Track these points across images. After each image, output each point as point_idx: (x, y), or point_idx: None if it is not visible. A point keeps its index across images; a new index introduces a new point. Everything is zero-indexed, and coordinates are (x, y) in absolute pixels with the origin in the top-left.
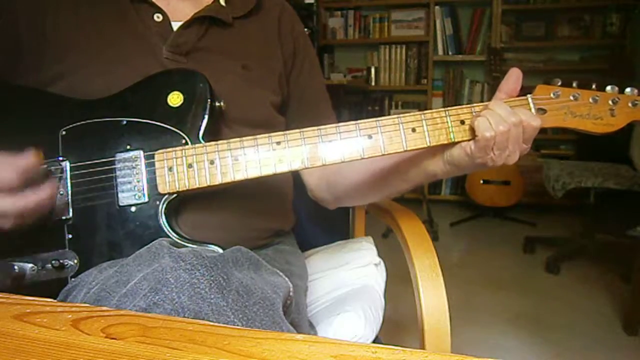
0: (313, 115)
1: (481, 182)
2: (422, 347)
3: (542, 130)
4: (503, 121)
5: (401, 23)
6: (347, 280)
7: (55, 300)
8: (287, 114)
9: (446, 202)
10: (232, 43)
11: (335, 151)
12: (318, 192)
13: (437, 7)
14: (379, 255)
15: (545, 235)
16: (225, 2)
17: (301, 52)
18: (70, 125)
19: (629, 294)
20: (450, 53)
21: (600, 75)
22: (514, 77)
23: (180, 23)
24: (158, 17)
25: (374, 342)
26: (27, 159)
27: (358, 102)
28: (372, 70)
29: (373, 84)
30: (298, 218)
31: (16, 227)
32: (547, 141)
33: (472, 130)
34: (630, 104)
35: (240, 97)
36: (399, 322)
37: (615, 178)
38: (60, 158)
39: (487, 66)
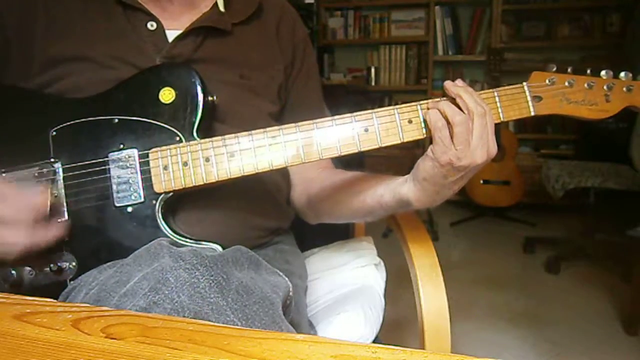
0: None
1: (481, 182)
2: (422, 347)
3: (542, 130)
4: (457, 113)
5: (401, 23)
6: (347, 280)
7: (55, 300)
8: (281, 121)
9: (446, 202)
10: (229, 52)
11: (332, 144)
12: (299, 205)
13: (437, 7)
14: (379, 255)
15: (545, 235)
16: (225, 7)
17: (299, 61)
18: (60, 125)
19: (629, 294)
20: (450, 53)
21: None
22: None
23: (175, 32)
24: (152, 26)
25: (374, 342)
26: (41, 196)
27: (358, 102)
28: (372, 70)
29: (373, 84)
30: (298, 217)
31: (19, 259)
32: (547, 141)
33: None
34: (625, 89)
35: (238, 108)
36: (399, 322)
37: (615, 178)
38: (52, 159)
39: (487, 66)
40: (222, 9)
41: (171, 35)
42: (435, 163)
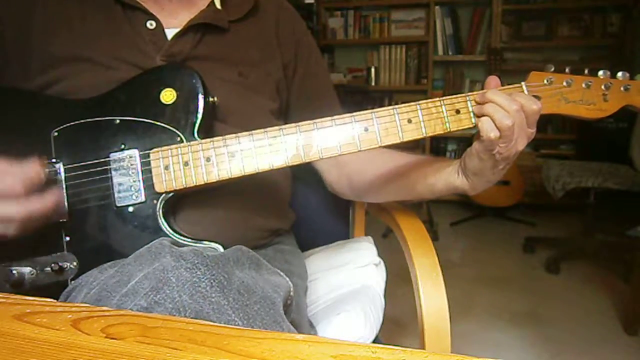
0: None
1: None
2: (422, 347)
3: (542, 130)
4: (507, 117)
5: (401, 23)
6: (347, 280)
7: (55, 300)
8: (292, 116)
9: (446, 202)
10: (228, 49)
11: (332, 144)
12: (339, 188)
13: (437, 7)
14: (379, 255)
15: (545, 235)
16: (221, 4)
17: (304, 55)
18: (62, 126)
19: (629, 294)
20: (450, 53)
21: None
22: (492, 85)
23: (174, 30)
24: (151, 25)
25: (374, 342)
26: (32, 167)
27: (358, 102)
28: (372, 70)
29: (373, 83)
30: (297, 217)
31: (20, 233)
32: (547, 141)
33: (469, 119)
34: (622, 89)
35: (238, 106)
36: (399, 322)
37: (615, 178)
38: (54, 160)
39: (487, 66)
40: (218, 6)
41: (170, 33)
42: (479, 159)
